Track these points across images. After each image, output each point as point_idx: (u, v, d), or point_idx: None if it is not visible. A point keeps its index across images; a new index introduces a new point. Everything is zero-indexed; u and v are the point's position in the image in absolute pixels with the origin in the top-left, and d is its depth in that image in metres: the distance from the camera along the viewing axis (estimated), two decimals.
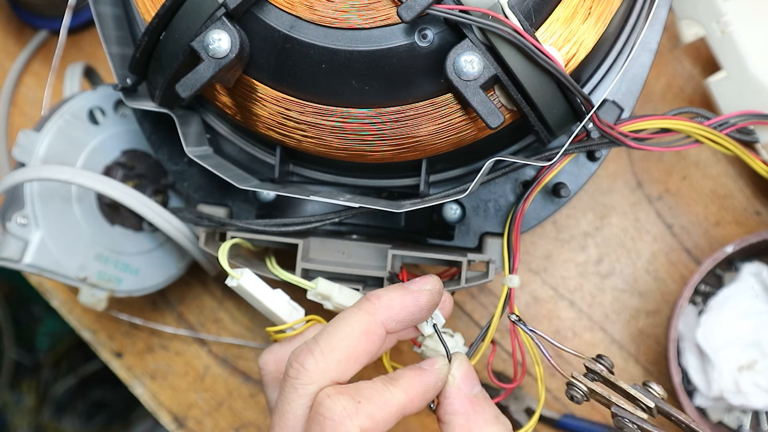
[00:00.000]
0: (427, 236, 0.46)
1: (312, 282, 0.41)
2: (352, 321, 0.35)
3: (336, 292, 0.41)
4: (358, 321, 0.35)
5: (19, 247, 0.48)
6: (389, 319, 0.35)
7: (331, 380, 0.33)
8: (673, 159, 0.59)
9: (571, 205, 0.59)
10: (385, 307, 0.35)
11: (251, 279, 0.40)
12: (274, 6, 0.35)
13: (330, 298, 0.41)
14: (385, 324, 0.35)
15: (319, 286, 0.41)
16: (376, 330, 0.35)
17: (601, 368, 0.35)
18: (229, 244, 0.42)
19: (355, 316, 0.35)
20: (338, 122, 0.37)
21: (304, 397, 0.33)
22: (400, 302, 0.36)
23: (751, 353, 0.53)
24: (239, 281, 0.40)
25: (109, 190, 0.46)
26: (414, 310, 0.36)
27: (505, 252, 0.43)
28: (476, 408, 0.35)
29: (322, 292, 0.40)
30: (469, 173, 0.44)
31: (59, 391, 1.17)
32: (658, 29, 0.43)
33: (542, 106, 0.35)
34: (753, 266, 0.54)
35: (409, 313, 0.36)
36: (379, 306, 0.35)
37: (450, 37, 0.34)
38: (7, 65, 0.65)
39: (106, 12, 0.44)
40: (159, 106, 0.41)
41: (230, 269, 0.40)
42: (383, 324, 0.35)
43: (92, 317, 0.62)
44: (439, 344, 0.39)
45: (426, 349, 0.40)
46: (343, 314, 0.35)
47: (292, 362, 0.34)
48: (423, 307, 0.36)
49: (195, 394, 0.61)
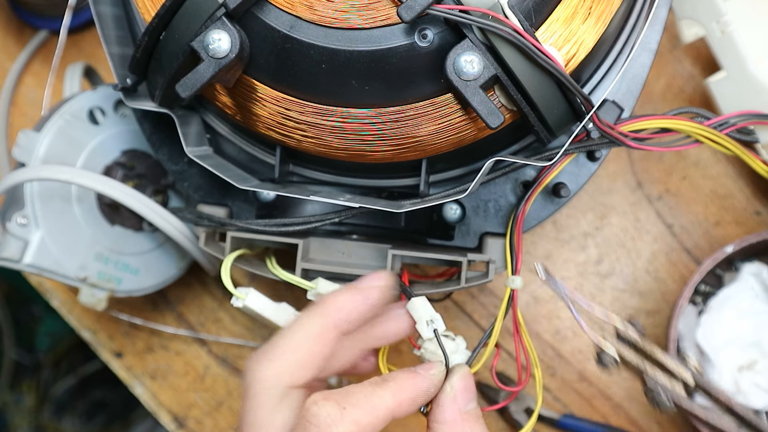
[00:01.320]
0: (427, 236, 0.46)
1: (312, 282, 0.41)
2: (305, 325, 0.35)
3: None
4: (311, 324, 0.35)
5: (19, 247, 0.48)
6: (341, 320, 0.36)
7: (286, 384, 0.34)
8: (673, 159, 0.59)
9: (571, 205, 0.59)
10: (335, 310, 0.36)
11: (256, 298, 0.41)
12: (274, 6, 0.35)
13: None
14: (337, 326, 0.36)
15: (319, 286, 0.41)
16: (329, 333, 0.35)
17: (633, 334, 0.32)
18: (231, 260, 0.42)
19: (308, 320, 0.36)
20: (338, 122, 0.37)
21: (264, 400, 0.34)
22: (351, 303, 0.36)
23: (751, 353, 0.53)
24: (245, 302, 0.40)
25: (109, 190, 0.46)
26: (364, 309, 0.36)
27: (507, 253, 0.43)
28: (466, 424, 0.35)
29: (322, 293, 0.41)
30: (469, 173, 0.44)
31: (59, 391, 1.17)
32: (658, 29, 0.43)
33: (542, 106, 0.35)
34: (753, 266, 0.54)
35: (360, 313, 0.36)
36: (331, 309, 0.36)
37: (450, 37, 0.34)
38: (7, 65, 0.65)
39: (106, 12, 0.44)
40: (159, 106, 0.41)
41: (234, 290, 0.41)
42: (336, 326, 0.35)
43: (92, 317, 0.62)
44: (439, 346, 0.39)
45: (425, 351, 0.40)
46: (296, 319, 0.36)
47: (246, 369, 0.35)
48: (374, 304, 0.37)
49: (195, 394, 0.61)
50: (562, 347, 0.58)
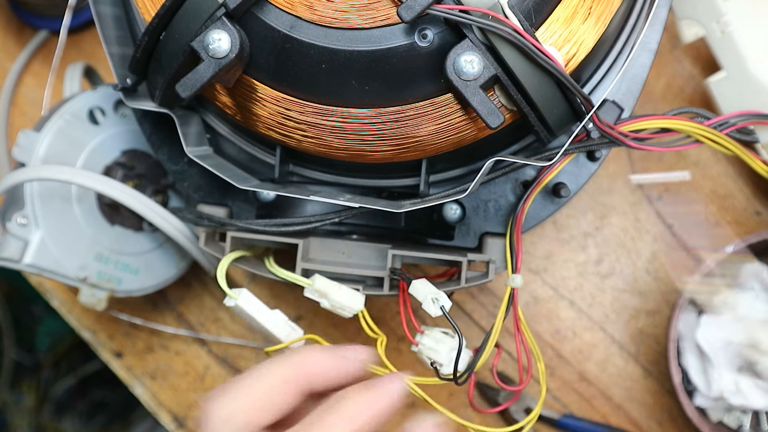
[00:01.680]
0: (427, 236, 0.46)
1: (310, 279, 0.41)
2: (268, 370, 0.35)
3: (334, 289, 0.41)
4: (273, 371, 0.35)
5: (19, 247, 0.48)
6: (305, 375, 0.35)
7: (241, 422, 0.33)
8: (673, 159, 0.59)
9: (571, 205, 0.59)
10: (303, 364, 0.35)
11: (249, 299, 0.41)
12: (274, 6, 0.35)
13: (327, 295, 0.41)
14: (300, 381, 0.35)
15: (316, 283, 0.40)
16: (289, 384, 0.35)
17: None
18: (228, 261, 0.42)
19: (272, 366, 0.35)
20: (338, 122, 0.37)
21: None
22: (321, 363, 0.35)
23: (751, 353, 0.53)
24: (236, 301, 0.40)
25: (109, 190, 0.46)
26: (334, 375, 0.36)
27: (507, 252, 0.43)
28: None
29: (319, 289, 0.40)
30: (469, 173, 0.44)
31: (59, 391, 1.17)
32: (658, 29, 0.43)
33: (542, 106, 0.35)
34: (753, 266, 0.54)
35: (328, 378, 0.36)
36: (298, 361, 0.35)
37: (450, 37, 0.34)
38: (7, 65, 0.65)
39: (106, 12, 0.44)
40: (159, 106, 0.41)
41: (228, 289, 0.40)
42: (298, 380, 0.35)
43: (92, 317, 0.62)
44: (437, 342, 0.39)
45: (423, 347, 0.40)
46: (261, 364, 0.35)
47: (204, 405, 0.34)
48: (346, 373, 0.36)
49: (195, 394, 0.61)
50: (562, 347, 0.58)
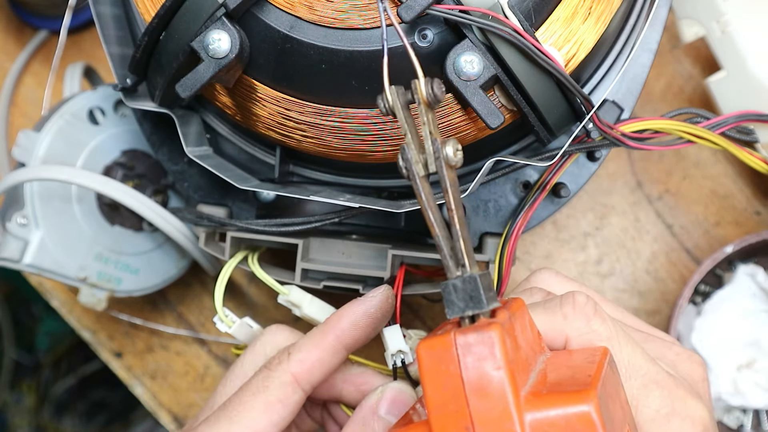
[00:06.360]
0: (427, 236, 0.46)
1: (285, 288, 0.42)
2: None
3: (307, 302, 0.41)
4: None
5: (19, 247, 0.48)
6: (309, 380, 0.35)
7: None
8: (673, 159, 0.59)
9: (571, 205, 0.59)
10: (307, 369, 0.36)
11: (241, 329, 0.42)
12: (274, 6, 0.35)
13: (300, 307, 0.41)
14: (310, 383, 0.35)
15: (291, 294, 0.41)
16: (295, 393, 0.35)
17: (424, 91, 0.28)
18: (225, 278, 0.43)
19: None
20: (338, 122, 0.37)
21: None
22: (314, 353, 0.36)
23: (749, 352, 0.53)
24: (231, 329, 0.42)
25: (109, 190, 0.46)
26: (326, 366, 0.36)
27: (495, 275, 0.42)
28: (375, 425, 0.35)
29: (292, 300, 0.41)
30: (469, 173, 0.44)
31: (59, 391, 1.18)
32: (658, 29, 0.43)
33: (542, 106, 0.35)
34: (748, 267, 0.54)
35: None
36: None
37: (450, 37, 0.34)
38: (7, 65, 0.65)
39: (106, 12, 0.44)
40: (159, 106, 0.41)
41: (224, 317, 0.42)
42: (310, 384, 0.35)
43: (92, 317, 0.62)
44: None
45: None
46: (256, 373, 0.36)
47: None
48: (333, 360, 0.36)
49: (195, 394, 0.61)
50: None
